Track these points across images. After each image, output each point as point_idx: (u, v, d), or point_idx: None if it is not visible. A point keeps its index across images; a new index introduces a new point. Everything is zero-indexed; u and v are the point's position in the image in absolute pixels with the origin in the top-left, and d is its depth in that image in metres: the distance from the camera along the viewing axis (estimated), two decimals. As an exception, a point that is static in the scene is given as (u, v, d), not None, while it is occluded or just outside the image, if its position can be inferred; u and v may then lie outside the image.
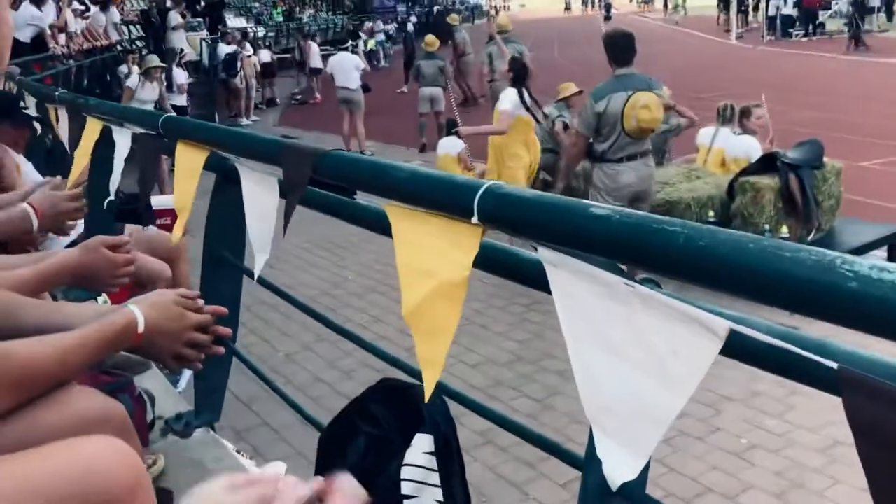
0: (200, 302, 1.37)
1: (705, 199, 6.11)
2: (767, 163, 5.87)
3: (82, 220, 2.24)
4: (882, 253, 5.90)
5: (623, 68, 4.87)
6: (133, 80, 9.49)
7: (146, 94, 9.28)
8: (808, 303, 0.63)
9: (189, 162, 1.89)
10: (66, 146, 2.92)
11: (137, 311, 1.26)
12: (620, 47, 4.93)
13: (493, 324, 5.19)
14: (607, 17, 43.86)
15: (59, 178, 1.89)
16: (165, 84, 10.16)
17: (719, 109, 6.76)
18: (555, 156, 7.05)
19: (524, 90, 6.29)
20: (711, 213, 5.99)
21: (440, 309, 1.09)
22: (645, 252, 0.76)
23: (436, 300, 1.09)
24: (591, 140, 4.99)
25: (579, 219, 0.84)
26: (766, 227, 5.57)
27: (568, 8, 69.48)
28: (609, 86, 4.87)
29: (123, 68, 11.43)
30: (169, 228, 8.20)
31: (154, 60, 9.80)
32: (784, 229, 5.52)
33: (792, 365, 0.80)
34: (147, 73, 9.37)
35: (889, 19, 27.70)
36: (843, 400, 0.66)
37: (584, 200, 0.87)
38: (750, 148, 6.30)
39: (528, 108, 6.30)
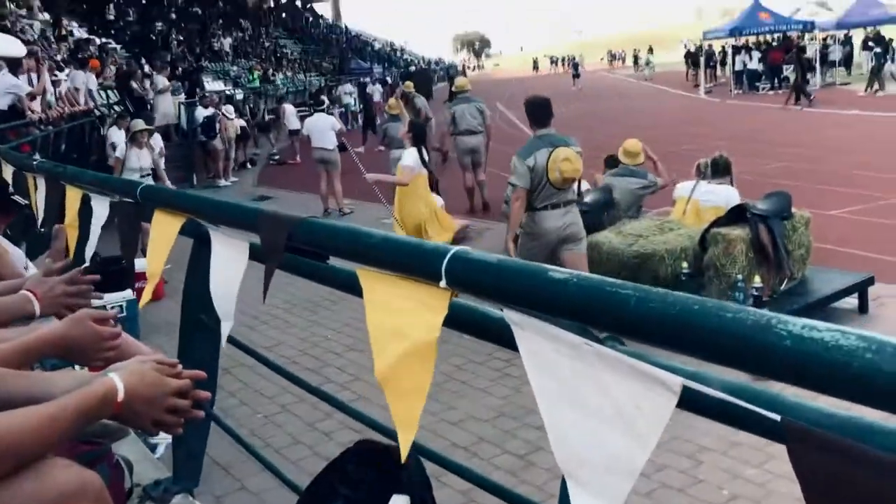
0: (179, 367, 1.39)
1: (678, 251, 6.21)
2: (738, 214, 6.00)
3: None
4: (853, 300, 6.00)
5: (542, 129, 5.53)
6: (121, 150, 8.96)
7: (135, 162, 8.61)
8: (749, 360, 0.68)
9: (164, 229, 1.93)
10: (42, 215, 2.94)
11: (117, 379, 1.28)
12: (539, 112, 5.60)
13: (474, 380, 5.19)
14: (576, 75, 45.08)
15: (49, 261, 1.90)
16: (158, 149, 9.55)
17: (699, 166, 6.91)
18: None
19: (422, 149, 7.51)
20: (685, 265, 6.08)
21: (413, 369, 1.13)
22: (600, 314, 0.81)
23: (408, 360, 1.13)
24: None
25: (540, 283, 0.88)
26: (740, 277, 5.66)
27: (535, 67, 71.36)
28: (532, 145, 5.49)
29: (114, 136, 11.06)
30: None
31: (139, 124, 9.12)
32: (757, 279, 5.61)
33: (745, 417, 0.84)
34: (134, 139, 8.73)
35: (849, 72, 28.61)
36: (787, 450, 0.71)
37: (544, 265, 0.92)
38: (730, 197, 6.43)
39: (426, 166, 7.58)
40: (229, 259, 1.78)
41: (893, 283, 6.36)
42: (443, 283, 1.04)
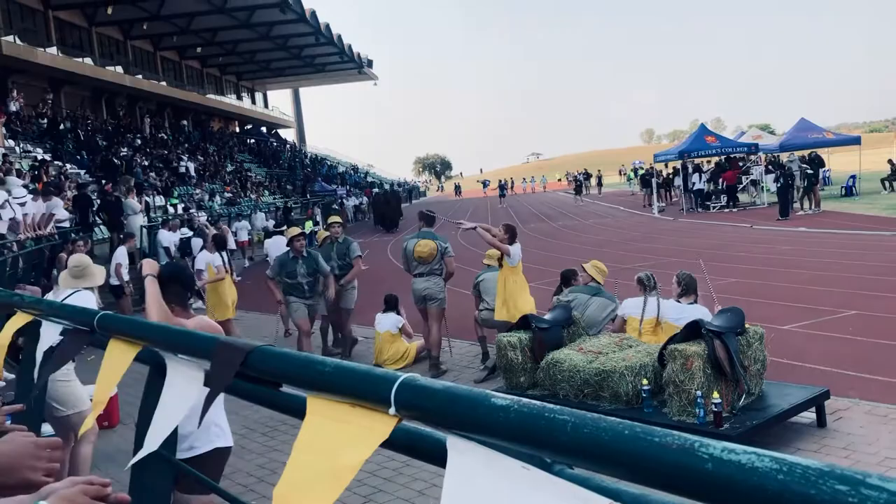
0: (109, 489, 1.32)
1: (638, 367, 6.27)
2: (693, 331, 6.10)
3: None
4: (811, 414, 6.06)
5: (425, 227, 8.78)
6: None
7: None
8: (675, 482, 0.71)
9: (118, 357, 1.92)
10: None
11: None
12: (425, 219, 8.92)
13: (435, 505, 5.06)
14: (502, 196, 51.87)
15: None
16: None
17: (643, 280, 7.19)
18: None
19: (223, 253, 10.92)
20: (646, 381, 6.12)
21: (317, 491, 1.12)
22: (539, 438, 0.84)
23: (317, 481, 1.12)
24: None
25: (483, 409, 0.92)
26: (699, 393, 5.70)
27: (458, 192, 76.40)
28: (412, 235, 8.87)
29: (120, 257, 11.41)
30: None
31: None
32: (716, 395, 5.66)
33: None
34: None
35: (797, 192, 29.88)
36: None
37: (487, 391, 0.95)
38: (704, 317, 6.55)
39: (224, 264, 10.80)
40: (182, 387, 1.77)
41: (848, 396, 6.45)
42: (391, 410, 1.07)
